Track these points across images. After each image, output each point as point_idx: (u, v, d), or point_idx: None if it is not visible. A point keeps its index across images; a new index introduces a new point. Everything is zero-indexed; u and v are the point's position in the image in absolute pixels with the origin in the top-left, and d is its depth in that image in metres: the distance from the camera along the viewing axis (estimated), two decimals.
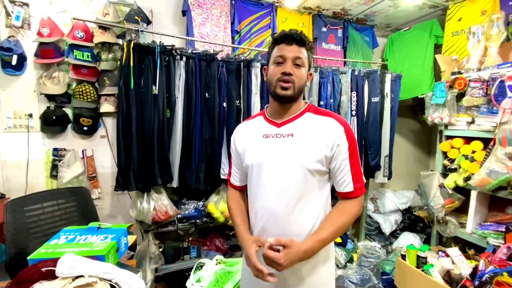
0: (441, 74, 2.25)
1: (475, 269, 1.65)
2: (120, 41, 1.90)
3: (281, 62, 0.85)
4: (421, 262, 1.78)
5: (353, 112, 2.30)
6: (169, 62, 1.74)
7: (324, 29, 2.61)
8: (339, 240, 2.47)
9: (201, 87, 1.85)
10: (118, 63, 1.78)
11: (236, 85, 1.92)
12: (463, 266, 1.72)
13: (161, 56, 1.70)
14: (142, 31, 1.73)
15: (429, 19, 2.56)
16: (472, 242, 1.92)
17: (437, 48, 2.52)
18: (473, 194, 1.94)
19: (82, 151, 1.97)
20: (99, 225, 1.05)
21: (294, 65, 0.85)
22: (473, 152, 1.95)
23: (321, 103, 2.18)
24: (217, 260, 1.63)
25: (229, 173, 1.08)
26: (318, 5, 2.38)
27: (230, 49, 2.19)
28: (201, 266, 1.60)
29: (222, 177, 1.93)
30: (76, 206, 1.42)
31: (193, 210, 2.00)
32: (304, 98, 1.57)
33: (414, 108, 3.16)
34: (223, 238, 2.20)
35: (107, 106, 1.92)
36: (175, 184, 1.84)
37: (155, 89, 1.70)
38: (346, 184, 0.87)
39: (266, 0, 2.29)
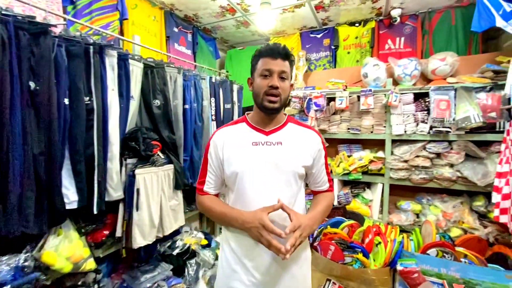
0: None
1: None
2: None
3: (267, 75, 0.90)
4: None
5: (213, 117, 2.40)
6: None
7: (176, 30, 2.49)
8: (204, 242, 2.48)
9: (22, 73, 1.16)
10: None
11: (84, 76, 1.38)
12: None
13: None
14: None
15: (257, 45, 3.18)
16: None
17: None
18: None
19: None
20: None
21: (280, 78, 0.90)
22: None
23: (186, 106, 2.08)
24: None
25: (202, 182, 1.01)
26: (172, 3, 2.23)
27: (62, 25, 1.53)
28: None
29: (67, 207, 1.32)
30: None
31: (8, 272, 1.21)
32: (169, 101, 1.77)
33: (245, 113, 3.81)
34: None
35: None
36: None
37: None
38: (324, 184, 1.05)
39: None
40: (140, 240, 1.59)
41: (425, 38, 2.44)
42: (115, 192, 1.56)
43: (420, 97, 2.19)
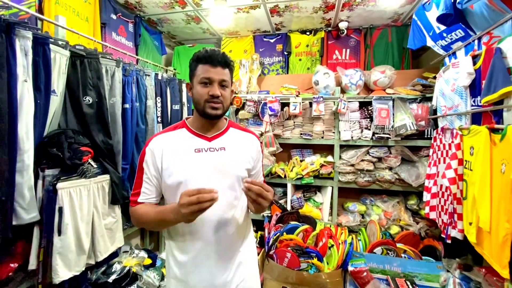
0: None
1: (261, 238, 2.24)
2: None
3: (208, 83, 0.88)
4: None
5: (159, 119, 2.14)
6: None
7: (114, 17, 2.15)
8: (148, 261, 2.18)
9: None
10: None
11: None
12: None
13: None
14: None
15: (208, 43, 3.01)
16: (254, 219, 2.57)
17: None
18: None
19: None
20: None
21: (220, 86, 0.89)
22: None
23: (126, 106, 1.79)
24: None
25: (136, 194, 0.93)
26: None
27: None
28: None
29: None
30: None
31: None
32: (104, 98, 1.59)
33: None
34: None
35: None
36: None
37: None
38: (260, 180, 1.08)
39: None
40: (63, 272, 1.27)
41: (367, 51, 2.67)
42: (27, 213, 1.21)
43: (364, 105, 2.36)
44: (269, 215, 2.44)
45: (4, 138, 1.09)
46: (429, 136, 2.17)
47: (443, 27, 1.71)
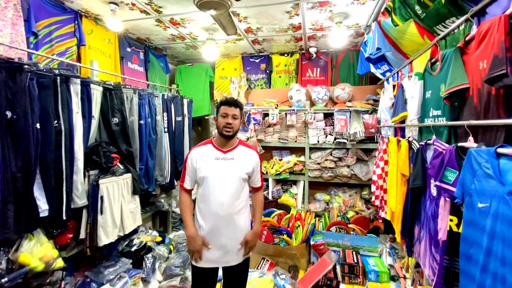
0: (216, 104, 3.31)
1: None
2: None
3: (225, 116, 1.42)
4: None
5: (166, 129, 2.70)
6: None
7: (129, 50, 2.70)
8: (159, 239, 2.77)
9: (0, 104, 1.36)
10: None
11: (53, 103, 1.60)
12: None
13: None
14: None
15: (206, 62, 3.56)
16: None
17: (211, 83, 3.60)
18: None
19: None
20: None
21: (233, 118, 1.43)
22: None
23: (141, 122, 2.35)
24: None
25: (183, 181, 1.53)
26: (126, 28, 2.46)
27: (25, 54, 1.69)
28: None
29: (41, 215, 1.54)
30: None
31: None
32: (126, 118, 2.16)
33: (193, 122, 4.15)
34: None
35: None
36: None
37: None
38: (258, 183, 1.60)
39: (69, 6, 1.99)
40: (104, 239, 1.86)
41: (333, 70, 3.19)
42: (80, 200, 1.79)
43: (328, 116, 2.90)
44: None
45: (68, 152, 1.66)
46: (377, 141, 2.71)
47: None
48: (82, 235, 1.88)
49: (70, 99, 1.72)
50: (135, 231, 2.30)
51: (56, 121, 1.62)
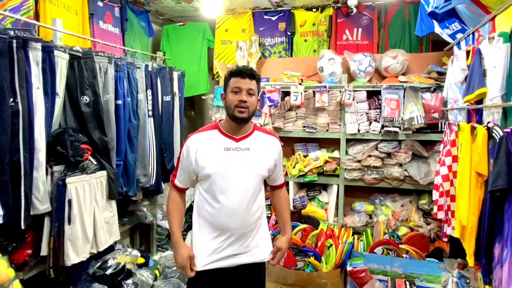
0: (217, 79, 3.38)
1: None
2: None
3: (238, 92, 1.43)
4: None
5: (150, 113, 2.79)
6: None
7: (100, 4, 2.79)
8: (141, 260, 2.89)
9: None
10: None
11: (8, 75, 1.69)
12: None
13: None
14: None
15: (202, 21, 3.61)
16: None
17: (210, 50, 3.65)
18: None
19: None
20: None
21: (248, 94, 1.43)
22: None
23: (119, 102, 2.43)
24: None
25: (174, 175, 1.62)
26: None
27: None
28: None
29: None
30: None
31: None
32: (99, 97, 2.23)
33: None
34: None
35: None
36: None
37: None
38: (279, 180, 1.72)
39: None
40: (73, 256, 1.96)
41: (381, 31, 3.19)
42: (41, 204, 1.90)
43: (373, 95, 2.92)
44: (268, 215, 3.08)
45: (27, 140, 1.76)
46: (443, 130, 2.71)
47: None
48: (44, 251, 1.99)
49: (29, 70, 1.80)
50: (110, 249, 2.41)
51: (12, 100, 1.71)
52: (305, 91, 2.98)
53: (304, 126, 3.07)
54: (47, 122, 1.96)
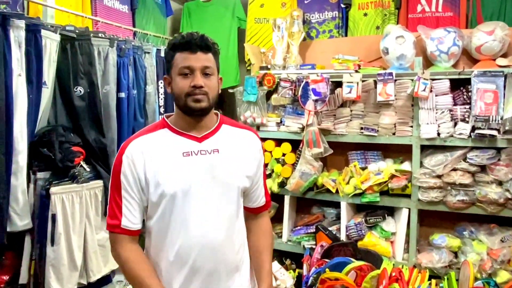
0: (249, 67, 3.31)
1: (299, 277, 2.74)
2: None
3: (188, 74, 1.20)
4: None
5: (161, 109, 2.79)
6: None
7: None
8: None
9: None
10: None
11: None
12: (286, 279, 2.76)
13: None
14: None
15: None
16: (289, 251, 3.08)
17: (241, 31, 3.61)
18: (287, 199, 3.10)
19: None
20: None
21: (204, 75, 1.22)
22: (284, 154, 3.12)
23: (122, 95, 2.46)
24: None
25: (115, 216, 1.24)
26: None
27: None
28: None
29: None
30: None
31: None
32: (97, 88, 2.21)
33: None
34: None
35: None
36: None
37: None
38: (260, 198, 1.46)
39: None
40: (56, 287, 1.96)
41: None
42: (20, 219, 1.93)
43: (460, 84, 2.66)
44: (313, 246, 2.92)
45: (3, 139, 1.80)
46: None
47: None
48: (24, 278, 2.01)
49: (9, 53, 1.85)
50: (106, 280, 2.39)
51: None
52: (363, 81, 2.80)
53: (361, 128, 2.88)
54: (31, 118, 2.01)
